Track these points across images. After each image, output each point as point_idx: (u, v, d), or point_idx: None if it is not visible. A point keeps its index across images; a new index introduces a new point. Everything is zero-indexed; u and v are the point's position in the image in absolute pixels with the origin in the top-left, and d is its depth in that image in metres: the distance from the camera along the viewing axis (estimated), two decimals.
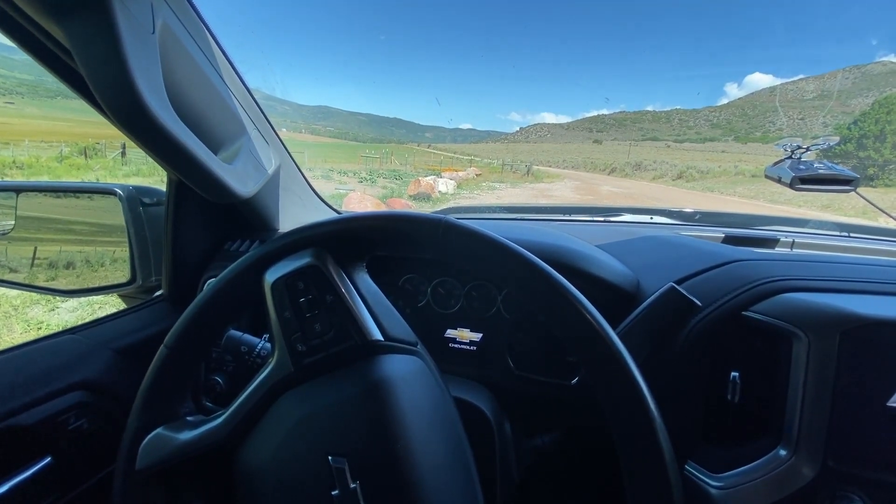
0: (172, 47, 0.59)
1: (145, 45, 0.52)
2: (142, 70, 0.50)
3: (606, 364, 0.39)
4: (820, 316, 0.59)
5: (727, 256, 0.74)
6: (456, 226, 0.46)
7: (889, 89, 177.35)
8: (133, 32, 0.50)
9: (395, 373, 0.47)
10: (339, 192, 14.64)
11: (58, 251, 1.11)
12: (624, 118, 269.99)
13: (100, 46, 0.48)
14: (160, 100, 0.53)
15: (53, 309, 4.57)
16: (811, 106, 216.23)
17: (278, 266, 0.48)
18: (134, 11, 0.51)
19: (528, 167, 39.28)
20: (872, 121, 44.00)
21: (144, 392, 0.50)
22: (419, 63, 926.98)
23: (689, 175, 48.19)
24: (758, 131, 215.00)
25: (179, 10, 0.62)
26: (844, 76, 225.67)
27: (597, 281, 0.74)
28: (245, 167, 0.76)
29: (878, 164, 42.46)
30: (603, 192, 24.79)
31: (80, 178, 15.48)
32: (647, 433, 0.37)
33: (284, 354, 0.47)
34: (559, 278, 0.42)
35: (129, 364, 0.80)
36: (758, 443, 0.63)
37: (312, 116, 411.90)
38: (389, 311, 0.51)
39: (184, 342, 0.50)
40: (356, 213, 0.49)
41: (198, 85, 0.66)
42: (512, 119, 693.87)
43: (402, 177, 24.62)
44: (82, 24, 0.48)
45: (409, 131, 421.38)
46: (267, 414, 0.48)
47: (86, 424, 0.71)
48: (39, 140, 33.83)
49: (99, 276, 1.11)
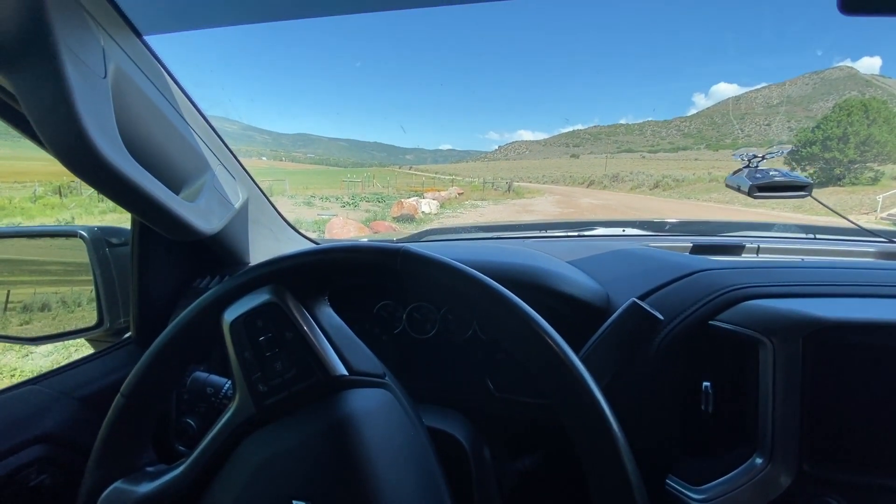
0: (126, 89, 0.59)
1: (95, 90, 0.52)
2: (92, 114, 0.50)
3: (569, 388, 0.39)
4: (782, 321, 0.60)
5: (692, 267, 0.75)
6: (413, 254, 0.46)
7: (847, 92, 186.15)
8: (83, 78, 0.50)
9: (360, 408, 0.46)
10: (321, 217, 14.59)
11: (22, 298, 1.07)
12: (599, 132, 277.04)
13: (47, 94, 0.47)
14: (113, 143, 0.53)
15: (27, 355, 4.39)
16: (776, 112, 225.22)
17: (237, 305, 0.47)
18: (83, 58, 0.51)
19: (508, 184, 39.82)
20: (834, 123, 45.95)
21: (100, 445, 0.48)
22: (396, 87, 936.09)
23: (666, 184, 49.42)
24: (727, 138, 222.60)
25: (133, 53, 0.62)
26: (804, 82, 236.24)
27: (567, 298, 0.74)
28: (209, 203, 0.75)
29: (844, 165, 44.20)
30: (583, 204, 25.22)
31: (56, 218, 15.14)
32: (612, 459, 0.37)
33: (246, 396, 0.46)
34: (519, 303, 0.42)
35: (94, 413, 0.77)
36: (735, 452, 0.63)
37: (292, 144, 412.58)
38: (354, 343, 0.51)
39: (141, 389, 0.48)
40: (313, 248, 0.49)
41: (155, 125, 0.66)
42: (490, 138, 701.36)
43: (385, 199, 24.70)
44: (29, 73, 0.47)
45: (390, 154, 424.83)
46: (229, 459, 0.46)
47: (48, 480, 0.68)
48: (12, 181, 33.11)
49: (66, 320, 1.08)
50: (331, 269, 0.48)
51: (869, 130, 44.76)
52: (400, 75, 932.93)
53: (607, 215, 19.10)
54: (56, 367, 0.82)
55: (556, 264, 0.84)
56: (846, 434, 0.57)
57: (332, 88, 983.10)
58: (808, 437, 0.57)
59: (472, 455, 0.62)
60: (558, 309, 0.75)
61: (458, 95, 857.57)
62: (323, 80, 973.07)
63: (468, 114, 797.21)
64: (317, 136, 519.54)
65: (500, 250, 0.95)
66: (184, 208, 0.66)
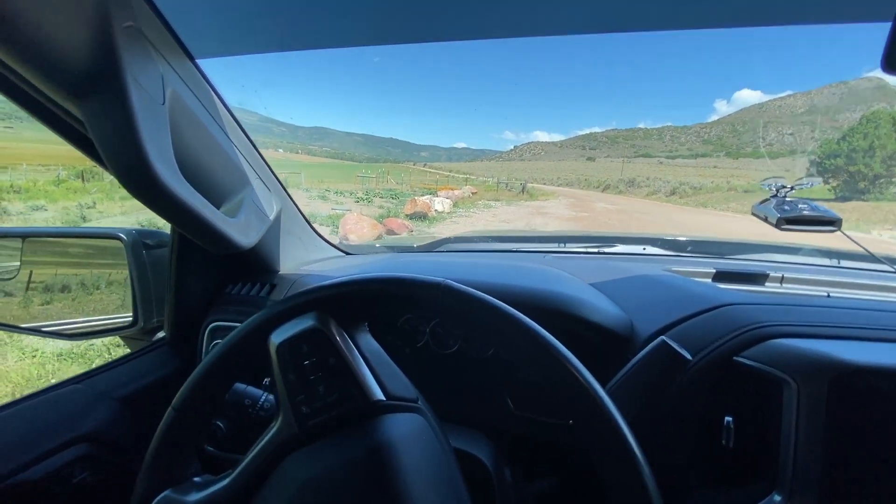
0: (181, 113, 0.62)
1: (156, 116, 0.55)
2: (152, 141, 0.53)
3: (600, 430, 0.41)
4: (809, 363, 0.60)
5: (718, 300, 0.76)
6: (454, 290, 0.48)
7: (876, 104, 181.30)
8: (145, 106, 0.53)
9: (397, 434, 0.48)
10: (335, 212, 14.70)
11: (60, 295, 1.12)
12: (616, 136, 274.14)
13: (113, 122, 0.50)
14: (168, 166, 0.56)
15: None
16: (800, 121, 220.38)
17: (283, 329, 0.50)
18: (145, 86, 0.54)
19: (522, 185, 39.62)
20: (861, 135, 44.81)
21: (152, 455, 0.51)
22: (413, 84, 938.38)
23: (683, 191, 48.70)
24: (748, 147, 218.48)
25: (188, 77, 0.65)
26: (831, 92, 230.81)
27: (592, 325, 0.76)
28: (248, 218, 0.78)
29: (869, 178, 43.12)
30: (597, 209, 24.99)
31: (77, 201, 15.50)
32: (637, 486, 0.39)
33: (289, 416, 0.49)
34: (557, 345, 0.44)
35: (132, 413, 0.81)
36: (753, 488, 0.64)
37: (309, 137, 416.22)
38: (391, 368, 0.53)
39: (191, 403, 0.51)
40: (356, 278, 0.51)
41: (204, 145, 0.69)
42: (506, 138, 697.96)
43: (399, 196, 24.76)
44: (97, 102, 0.50)
45: (405, 151, 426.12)
46: (272, 476, 0.49)
47: (89, 478, 0.72)
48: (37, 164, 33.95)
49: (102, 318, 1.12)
50: (372, 299, 0.50)
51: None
52: (417, 72, 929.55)
53: (622, 221, 18.92)
54: (94, 368, 0.86)
55: (579, 289, 0.85)
56: (867, 478, 0.58)
57: (350, 83, 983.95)
58: (828, 478, 0.58)
59: (495, 477, 0.64)
60: (582, 335, 0.77)
61: (475, 93, 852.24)
62: (341, 75, 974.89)
63: (484, 112, 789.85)
64: (333, 129, 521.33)
65: (524, 271, 0.96)
66: (226, 224, 0.69)
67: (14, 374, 3.77)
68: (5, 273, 1.07)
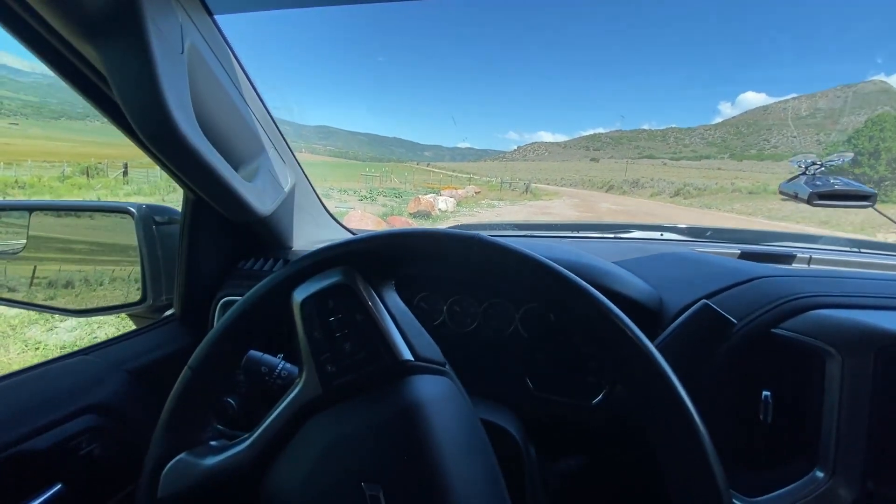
0: (199, 67, 0.60)
1: (175, 65, 0.53)
2: (172, 90, 0.50)
3: (651, 384, 0.38)
4: (853, 333, 0.58)
5: (751, 273, 0.73)
6: (490, 243, 0.45)
7: (880, 107, 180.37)
8: (164, 53, 0.51)
9: (427, 395, 0.45)
10: (339, 210, 14.70)
11: (67, 271, 1.10)
12: (620, 136, 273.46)
13: (133, 67, 0.48)
14: (188, 119, 0.53)
15: (52, 329, 4.52)
16: (805, 124, 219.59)
17: (307, 285, 0.47)
18: (165, 32, 0.52)
19: (526, 185, 39.61)
20: (866, 138, 44.59)
21: (167, 416, 0.48)
22: (417, 83, 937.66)
23: (687, 192, 48.57)
24: (753, 149, 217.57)
25: (206, 32, 0.62)
26: (836, 95, 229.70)
27: (619, 297, 0.73)
28: (264, 185, 0.76)
29: (874, 181, 42.91)
30: (601, 209, 24.94)
31: (81, 197, 15.59)
32: (696, 454, 0.36)
33: (313, 375, 0.46)
34: (601, 297, 0.41)
35: (141, 385, 0.78)
36: (793, 465, 0.61)
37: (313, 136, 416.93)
38: (419, 330, 0.50)
39: (208, 363, 0.49)
40: (386, 231, 0.49)
41: (221, 104, 0.66)
42: (509, 138, 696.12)
43: (402, 195, 24.80)
44: (116, 46, 0.48)
45: (409, 150, 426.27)
46: (294, 438, 0.46)
47: (97, 449, 0.69)
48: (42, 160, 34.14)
49: (109, 295, 1.10)
50: (403, 253, 0.48)
51: None
52: (422, 71, 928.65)
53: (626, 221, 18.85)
54: (105, 340, 0.84)
55: (603, 263, 0.82)
56: None
57: (355, 82, 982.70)
58: (873, 454, 0.55)
59: (524, 450, 0.62)
60: None
61: (480, 93, 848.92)
62: (346, 74, 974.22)
63: (488, 112, 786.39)
64: (337, 128, 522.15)
65: (546, 246, 0.93)
66: (244, 188, 0.67)
67: (17, 365, 3.77)
68: (13, 247, 1.05)
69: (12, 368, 2.50)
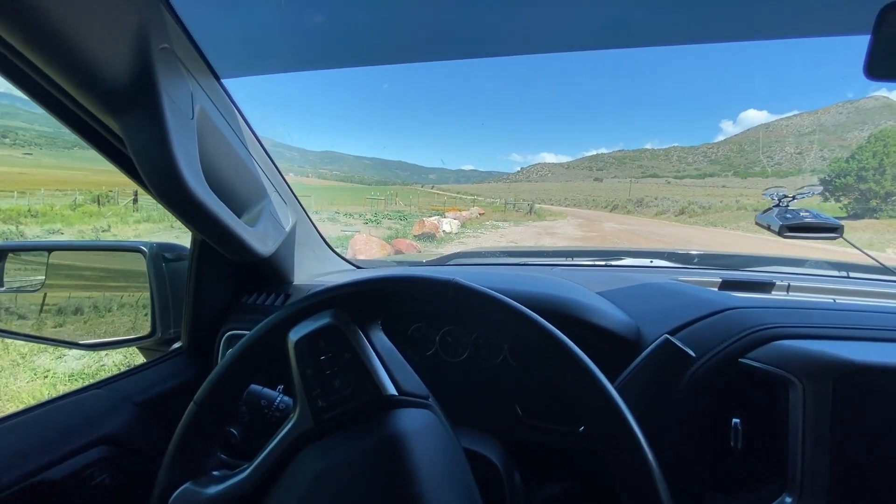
0: (207, 128, 0.66)
1: (186, 130, 0.59)
2: (182, 153, 0.57)
3: (608, 421, 0.42)
4: (813, 363, 0.61)
5: (722, 304, 0.77)
6: (464, 287, 0.50)
7: (883, 122, 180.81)
8: (176, 120, 0.57)
9: (409, 427, 0.50)
10: (345, 233, 14.84)
11: (81, 307, 1.16)
12: (623, 156, 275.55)
13: (148, 135, 0.55)
14: (197, 177, 0.60)
15: (60, 357, 4.57)
16: (808, 141, 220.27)
17: (301, 326, 0.52)
18: (177, 102, 0.59)
19: (530, 206, 39.79)
20: (870, 154, 44.59)
21: (175, 448, 0.53)
22: (421, 108, 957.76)
23: (692, 210, 48.48)
24: (756, 166, 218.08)
25: (213, 95, 0.70)
26: (838, 111, 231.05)
27: (599, 330, 0.77)
28: (266, 228, 0.82)
29: (881, 196, 42.71)
30: (606, 229, 24.92)
31: (92, 225, 15.91)
32: (646, 483, 0.40)
33: (306, 409, 0.51)
34: (563, 338, 0.46)
35: (150, 417, 0.83)
36: (764, 489, 0.64)
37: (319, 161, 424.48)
38: (403, 365, 0.55)
39: (212, 398, 0.53)
40: (370, 276, 0.54)
41: (227, 157, 0.73)
42: (513, 160, 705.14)
43: (407, 217, 25.01)
44: (134, 116, 0.55)
45: (413, 173, 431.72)
46: (289, 467, 0.50)
47: (108, 480, 0.74)
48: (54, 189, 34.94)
49: (118, 329, 1.16)
50: (386, 297, 0.53)
51: None
52: (425, 97, 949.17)
53: (631, 241, 18.83)
54: (116, 374, 0.89)
55: (587, 295, 0.87)
56: (876, 475, 0.58)
57: (360, 108, 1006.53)
58: (837, 477, 0.58)
59: (505, 478, 0.65)
60: (590, 340, 0.78)
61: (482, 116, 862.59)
62: (352, 101, 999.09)
63: (492, 135, 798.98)
64: (343, 153, 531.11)
65: (532, 279, 0.98)
66: (247, 233, 0.73)
67: (25, 394, 3.80)
68: (32, 284, 1.11)
69: (21, 396, 2.53)
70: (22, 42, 0.46)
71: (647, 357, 0.58)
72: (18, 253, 1.17)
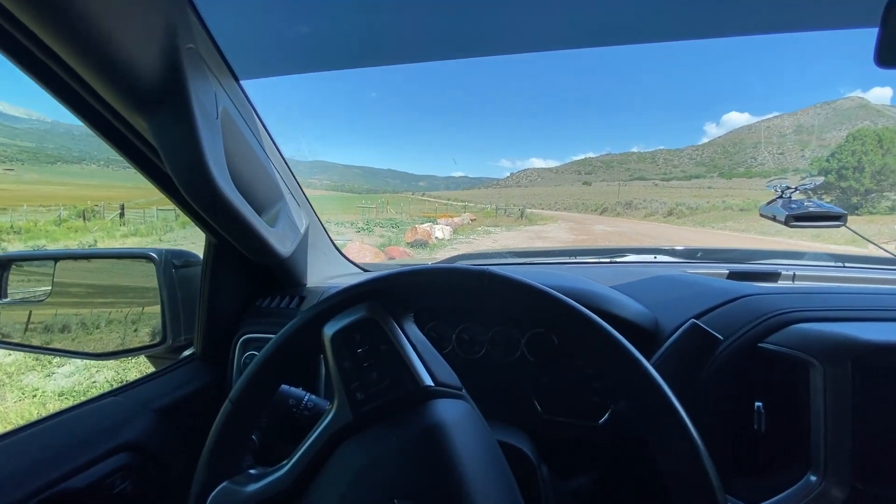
0: (230, 128, 0.67)
1: (212, 129, 0.60)
2: (211, 152, 0.57)
3: (648, 396, 0.43)
4: (831, 344, 0.63)
5: (737, 292, 0.79)
6: (499, 276, 0.51)
7: (860, 122, 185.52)
8: (204, 120, 0.58)
9: (448, 417, 0.50)
10: (338, 243, 14.76)
11: (90, 316, 1.15)
12: (611, 160, 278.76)
13: (178, 134, 0.55)
14: (224, 176, 0.60)
15: (49, 375, 4.47)
16: (789, 141, 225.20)
17: (336, 320, 0.53)
18: (204, 102, 0.59)
19: (521, 211, 40.06)
20: (849, 153, 45.74)
21: (211, 447, 0.52)
22: (410, 116, 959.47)
23: (680, 211, 49.18)
24: (741, 167, 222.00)
25: (234, 96, 0.70)
26: (816, 112, 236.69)
27: (618, 320, 0.78)
28: (284, 228, 0.82)
29: (861, 194, 43.80)
30: (597, 231, 25.16)
31: (78, 240, 15.66)
32: (696, 467, 0.41)
33: (344, 403, 0.51)
34: (604, 325, 0.47)
35: (169, 423, 0.82)
36: (789, 471, 0.65)
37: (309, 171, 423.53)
38: (437, 357, 0.55)
39: (247, 396, 0.53)
40: (405, 269, 0.54)
41: (248, 158, 0.73)
42: (502, 165, 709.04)
43: (399, 225, 25.01)
44: (165, 117, 0.55)
45: (404, 181, 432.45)
46: (329, 462, 0.50)
47: (129, 487, 0.72)
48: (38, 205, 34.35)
49: (127, 337, 1.14)
50: (420, 289, 0.53)
51: (884, 160, 44.42)
52: (414, 104, 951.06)
53: (623, 243, 19.03)
54: (132, 381, 0.88)
55: (602, 287, 0.88)
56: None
57: (349, 118, 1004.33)
58: (860, 456, 0.59)
59: (538, 469, 0.65)
60: None
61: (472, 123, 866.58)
62: (339, 109, 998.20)
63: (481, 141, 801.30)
64: (332, 162, 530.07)
65: (545, 274, 0.99)
66: (269, 233, 0.73)
67: (13, 414, 3.70)
68: (38, 294, 1.09)
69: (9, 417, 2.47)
70: (54, 41, 0.46)
71: (675, 343, 0.59)
72: (22, 263, 1.15)
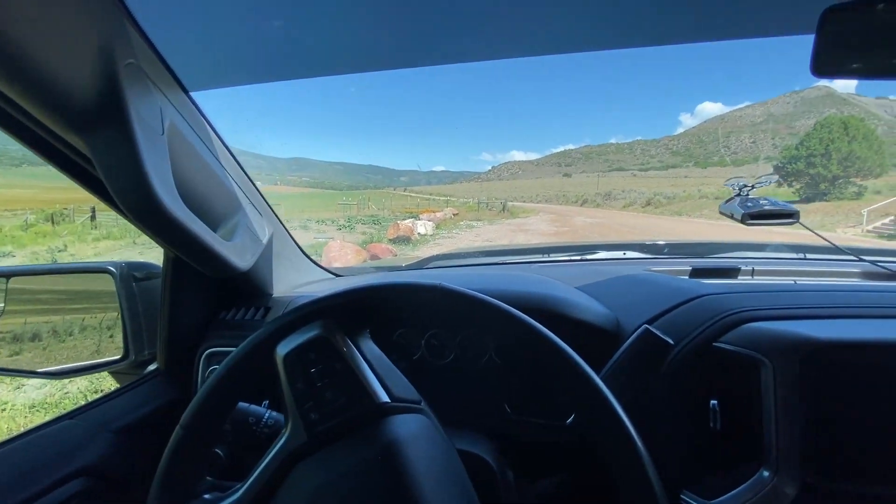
0: (178, 143, 0.65)
1: (157, 146, 0.58)
2: (155, 170, 0.55)
3: (598, 413, 0.44)
4: (780, 343, 0.65)
5: (694, 292, 0.81)
6: (451, 291, 0.51)
7: (827, 111, 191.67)
8: (146, 137, 0.56)
9: (404, 433, 0.50)
10: (318, 241, 14.60)
11: (45, 332, 1.11)
12: (590, 151, 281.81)
13: (118, 154, 0.53)
14: (170, 193, 0.58)
15: (19, 387, 4.32)
16: (760, 130, 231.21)
17: (289, 340, 0.52)
18: (146, 118, 0.57)
19: (503, 204, 40.25)
20: (816, 141, 47.25)
21: (162, 474, 0.51)
22: (389, 111, 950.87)
23: (657, 201, 50.17)
24: (715, 156, 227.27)
25: (183, 109, 0.68)
26: (786, 101, 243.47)
27: (581, 324, 0.79)
28: (243, 241, 0.80)
29: (828, 180, 45.37)
30: (577, 223, 25.48)
31: (47, 246, 15.09)
32: (638, 469, 0.42)
33: (298, 424, 0.50)
34: (548, 334, 0.47)
35: (129, 444, 0.80)
36: (744, 467, 0.67)
37: (287, 168, 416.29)
38: (393, 372, 0.55)
39: (199, 420, 0.52)
40: (357, 286, 0.54)
41: (200, 172, 0.71)
42: (483, 159, 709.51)
43: (381, 221, 24.87)
44: (102, 135, 0.53)
45: (385, 177, 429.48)
46: (283, 485, 0.50)
47: None
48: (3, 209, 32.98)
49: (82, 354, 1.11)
50: (375, 304, 0.53)
51: (850, 147, 46.04)
52: (393, 100, 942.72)
53: (602, 233, 19.33)
54: (90, 401, 0.85)
55: (566, 291, 0.89)
56: (846, 447, 0.62)
57: (327, 113, 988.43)
58: (810, 451, 0.62)
59: (499, 476, 0.66)
60: (572, 333, 0.80)
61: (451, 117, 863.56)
62: (318, 106, 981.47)
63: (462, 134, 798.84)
64: (311, 159, 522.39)
65: (512, 277, 1.00)
66: (223, 247, 0.71)
67: None
68: None
69: None
70: None
71: (629, 348, 0.60)
72: None
